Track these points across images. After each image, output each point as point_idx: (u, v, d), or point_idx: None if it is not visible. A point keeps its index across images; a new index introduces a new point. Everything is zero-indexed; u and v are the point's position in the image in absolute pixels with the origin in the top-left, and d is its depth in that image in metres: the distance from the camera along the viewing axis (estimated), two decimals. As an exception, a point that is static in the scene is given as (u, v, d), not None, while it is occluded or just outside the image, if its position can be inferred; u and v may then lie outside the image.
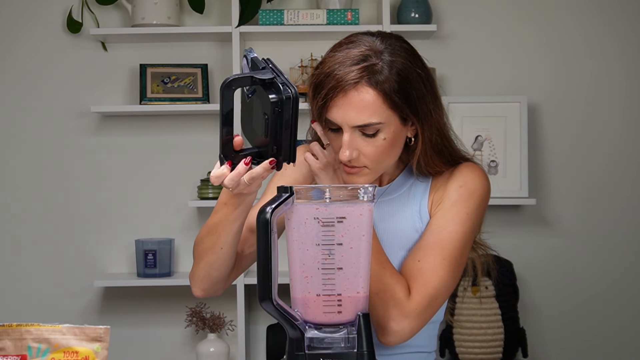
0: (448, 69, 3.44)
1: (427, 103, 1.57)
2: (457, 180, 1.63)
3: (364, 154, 1.56)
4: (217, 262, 1.62)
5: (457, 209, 1.60)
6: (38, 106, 3.47)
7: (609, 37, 3.49)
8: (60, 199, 3.47)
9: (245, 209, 1.55)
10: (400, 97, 1.53)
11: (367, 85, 1.52)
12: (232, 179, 1.44)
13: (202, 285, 1.66)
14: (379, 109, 1.52)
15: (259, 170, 1.44)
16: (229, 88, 1.40)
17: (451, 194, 1.62)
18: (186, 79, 3.41)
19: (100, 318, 3.46)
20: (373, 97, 1.52)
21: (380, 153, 1.56)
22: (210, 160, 3.43)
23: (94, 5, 3.43)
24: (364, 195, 1.35)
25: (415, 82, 1.55)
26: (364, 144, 1.55)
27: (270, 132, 1.40)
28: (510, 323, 3.20)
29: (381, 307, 1.53)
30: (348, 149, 1.54)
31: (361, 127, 1.53)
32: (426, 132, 1.58)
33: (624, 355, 3.49)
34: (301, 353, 1.35)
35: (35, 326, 1.35)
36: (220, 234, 1.58)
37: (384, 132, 1.54)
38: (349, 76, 1.52)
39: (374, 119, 1.52)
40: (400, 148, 1.60)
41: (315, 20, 3.28)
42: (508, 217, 3.46)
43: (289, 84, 1.39)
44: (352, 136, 1.54)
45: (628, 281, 3.49)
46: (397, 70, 1.53)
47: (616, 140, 3.48)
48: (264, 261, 1.31)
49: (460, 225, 1.59)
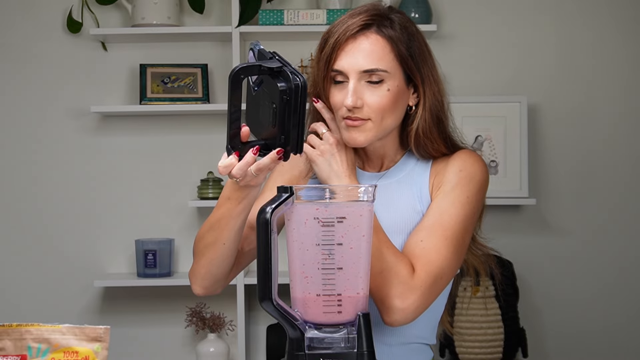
0: (448, 69, 3.39)
1: (429, 68, 1.64)
2: (456, 165, 1.64)
3: (368, 104, 1.59)
4: (218, 259, 1.61)
5: (458, 192, 1.61)
6: (38, 106, 3.47)
7: (609, 37, 3.49)
8: (60, 199, 3.47)
9: (248, 203, 1.55)
10: (406, 50, 1.60)
11: (376, 33, 1.59)
12: (240, 168, 1.44)
13: (202, 283, 1.66)
14: (387, 56, 1.59)
15: (266, 160, 1.43)
16: (238, 77, 1.39)
17: (451, 177, 1.63)
18: (186, 79, 3.41)
19: (100, 318, 3.46)
20: (381, 44, 1.59)
21: (384, 105, 1.59)
22: (210, 160, 3.43)
23: (94, 5, 3.43)
24: (364, 196, 1.35)
25: (419, 44, 1.63)
26: (368, 94, 1.59)
27: (278, 121, 1.39)
28: (510, 323, 3.20)
29: (385, 285, 1.51)
30: (353, 96, 1.58)
31: (368, 72, 1.58)
32: (427, 97, 1.64)
33: (624, 355, 3.49)
34: (301, 353, 1.35)
35: (35, 326, 1.35)
36: (223, 229, 1.57)
37: (388, 83, 1.59)
38: (359, 23, 1.59)
39: (381, 65, 1.58)
40: (402, 111, 1.64)
41: (315, 20, 3.29)
42: (508, 217, 3.46)
43: (297, 72, 1.39)
44: (357, 84, 1.58)
45: (628, 281, 3.49)
46: (404, 27, 1.61)
47: (616, 140, 3.48)
48: (264, 261, 1.31)
49: (460, 208, 1.60)
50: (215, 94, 3.44)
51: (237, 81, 1.39)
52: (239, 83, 1.39)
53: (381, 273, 1.51)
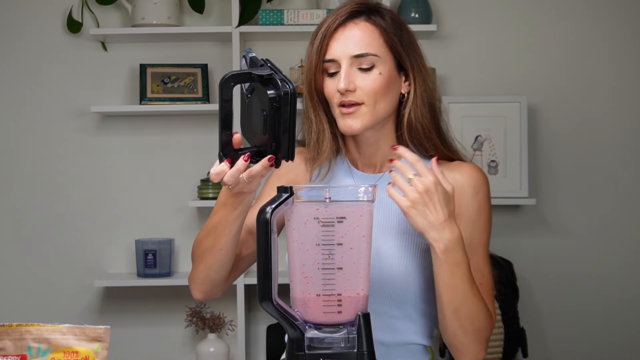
0: (448, 69, 3.44)
1: (418, 56, 1.67)
2: (471, 187, 1.66)
3: (360, 87, 1.62)
4: (216, 264, 1.62)
5: (484, 217, 1.67)
6: (38, 106, 3.47)
7: (609, 37, 3.48)
8: (60, 198, 3.47)
9: (244, 209, 1.55)
10: (395, 37, 1.64)
11: (365, 20, 1.64)
12: (232, 175, 1.45)
13: (201, 288, 1.66)
14: (376, 41, 1.62)
15: (257, 167, 1.44)
16: (228, 84, 1.40)
17: (471, 203, 1.66)
18: (186, 79, 3.41)
19: (100, 318, 3.46)
20: (370, 30, 1.63)
21: (377, 87, 1.61)
22: (210, 160, 3.43)
23: (94, 5, 3.43)
24: (364, 196, 1.36)
25: (408, 35, 1.67)
26: (360, 79, 1.61)
27: (268, 128, 1.40)
28: (510, 323, 3.20)
29: (463, 335, 1.58)
30: (345, 79, 1.60)
31: (358, 57, 1.61)
32: (418, 83, 1.66)
33: (624, 355, 3.49)
34: (301, 353, 1.35)
35: (35, 326, 1.35)
36: (220, 234, 1.58)
37: (379, 67, 1.62)
38: (348, 10, 1.64)
39: (371, 49, 1.61)
40: (394, 98, 1.66)
41: (315, 20, 3.28)
42: (508, 217, 3.46)
43: (287, 80, 1.40)
44: (349, 69, 1.61)
45: (628, 281, 3.49)
46: (392, 19, 1.66)
47: (616, 139, 3.48)
48: (264, 261, 1.31)
49: (488, 231, 1.68)
50: (215, 94, 3.44)
51: (228, 88, 1.40)
52: (229, 90, 1.40)
53: (463, 323, 1.57)
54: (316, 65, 1.64)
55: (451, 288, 1.53)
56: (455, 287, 1.53)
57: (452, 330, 1.57)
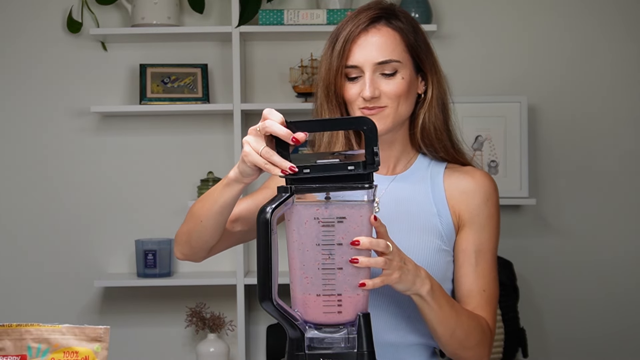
0: (448, 69, 3.39)
1: (434, 60, 1.71)
2: (481, 193, 1.70)
3: (384, 92, 1.63)
4: (196, 232, 1.65)
5: (493, 224, 1.72)
6: (38, 106, 3.47)
7: (609, 37, 3.48)
8: (60, 199, 3.47)
9: (228, 198, 1.56)
10: (414, 41, 1.67)
11: (386, 25, 1.65)
12: (272, 163, 1.39)
13: (181, 249, 1.72)
14: (398, 47, 1.64)
15: (276, 159, 1.38)
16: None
17: (481, 210, 1.70)
18: (186, 79, 3.41)
19: (100, 318, 3.46)
20: (392, 35, 1.65)
21: (401, 91, 1.64)
22: (210, 160, 3.43)
23: (93, 5, 3.43)
24: (364, 196, 1.35)
25: (423, 36, 1.70)
26: (384, 84, 1.63)
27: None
28: (510, 323, 3.20)
29: (466, 350, 1.60)
30: (370, 87, 1.62)
31: (382, 63, 1.62)
32: (434, 86, 1.70)
33: (624, 355, 3.49)
34: (301, 353, 1.35)
35: (35, 326, 1.35)
36: (204, 205, 1.62)
37: (401, 72, 1.64)
38: (369, 16, 1.65)
39: (394, 56, 1.63)
40: (413, 99, 1.69)
41: (315, 20, 3.28)
42: (508, 217, 3.45)
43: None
44: (372, 76, 1.62)
45: (628, 281, 3.49)
46: (408, 19, 1.69)
47: (616, 139, 3.48)
48: (264, 261, 1.31)
49: (496, 238, 1.73)
50: (215, 94, 3.44)
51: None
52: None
53: (460, 339, 1.59)
54: (337, 70, 1.65)
55: (443, 320, 1.55)
56: (446, 316, 1.55)
57: (453, 350, 1.60)
